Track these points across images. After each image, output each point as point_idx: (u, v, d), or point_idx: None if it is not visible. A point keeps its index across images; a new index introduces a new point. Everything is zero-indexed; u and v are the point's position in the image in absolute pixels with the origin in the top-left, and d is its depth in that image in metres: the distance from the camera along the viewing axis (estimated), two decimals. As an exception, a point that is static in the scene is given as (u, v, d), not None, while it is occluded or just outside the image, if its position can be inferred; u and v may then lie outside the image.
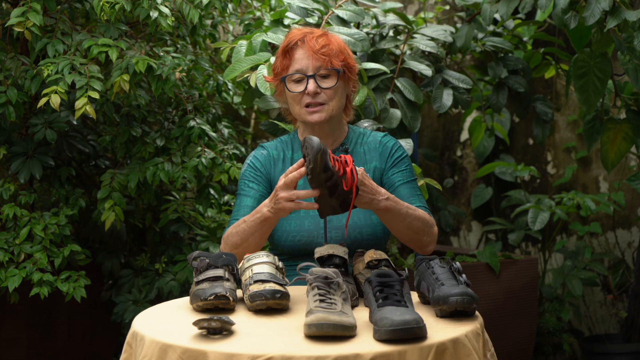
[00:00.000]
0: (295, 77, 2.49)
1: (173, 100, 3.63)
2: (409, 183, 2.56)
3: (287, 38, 2.53)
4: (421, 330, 1.84)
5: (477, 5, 3.64)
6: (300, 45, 2.49)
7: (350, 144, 2.61)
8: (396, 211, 2.37)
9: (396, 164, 2.58)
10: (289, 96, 2.53)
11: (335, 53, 2.49)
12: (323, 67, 2.47)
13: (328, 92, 2.49)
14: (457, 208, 4.45)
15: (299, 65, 2.48)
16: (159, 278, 3.57)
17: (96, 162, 3.77)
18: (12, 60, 3.22)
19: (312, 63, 2.48)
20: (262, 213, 2.37)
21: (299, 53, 2.49)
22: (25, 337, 3.56)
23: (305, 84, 2.48)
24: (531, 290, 3.77)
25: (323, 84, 2.48)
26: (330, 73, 2.49)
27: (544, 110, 3.77)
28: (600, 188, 4.49)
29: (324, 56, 2.47)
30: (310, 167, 2.19)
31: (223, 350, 1.80)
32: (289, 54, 2.50)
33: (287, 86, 2.51)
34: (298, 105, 2.50)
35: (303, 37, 2.50)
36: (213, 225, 3.67)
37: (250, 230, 2.40)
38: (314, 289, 1.96)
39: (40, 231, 3.23)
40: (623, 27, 3.04)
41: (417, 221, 2.42)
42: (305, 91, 2.48)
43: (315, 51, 2.47)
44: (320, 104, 2.49)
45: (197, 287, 2.13)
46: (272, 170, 2.60)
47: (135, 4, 3.14)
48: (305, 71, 2.48)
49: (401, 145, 2.63)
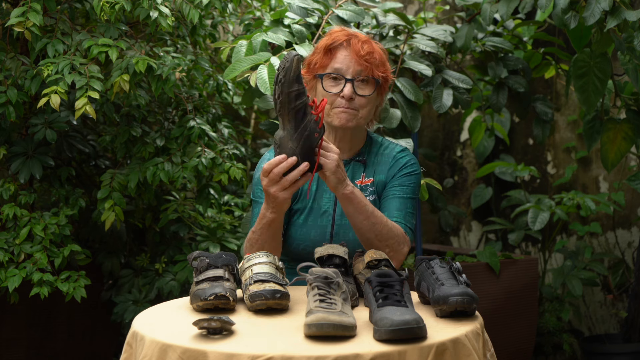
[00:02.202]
0: (332, 76, 2.45)
1: (173, 100, 3.63)
2: (403, 199, 2.50)
3: (331, 37, 2.48)
4: (421, 330, 1.84)
5: (477, 5, 3.64)
6: (345, 46, 2.46)
7: (367, 154, 2.57)
8: (359, 205, 2.33)
9: (401, 177, 2.52)
10: (320, 95, 2.47)
11: (378, 63, 2.46)
12: (364, 73, 2.44)
13: (362, 100, 2.45)
14: (457, 208, 4.45)
15: (339, 66, 2.45)
16: (159, 278, 3.57)
17: (96, 162, 3.77)
18: (12, 60, 3.22)
19: (354, 67, 2.44)
20: (266, 217, 2.35)
21: (342, 54, 2.45)
22: (25, 337, 3.56)
23: (342, 86, 2.44)
24: (531, 290, 3.77)
25: (359, 91, 2.45)
26: (368, 81, 2.46)
27: (544, 110, 3.77)
28: (600, 188, 4.49)
29: (367, 63, 2.44)
30: (281, 77, 2.17)
31: (223, 350, 1.80)
32: (331, 52, 2.46)
33: (322, 84, 2.46)
34: (329, 106, 2.45)
35: (348, 38, 2.46)
36: (213, 225, 3.67)
37: (263, 238, 2.38)
38: (314, 289, 1.97)
39: (40, 231, 3.23)
40: (623, 27, 3.04)
41: (382, 227, 2.37)
42: (341, 94, 2.44)
43: (360, 56, 2.43)
44: (351, 109, 2.45)
45: (197, 287, 2.13)
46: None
47: (135, 4, 3.14)
48: (345, 73, 2.44)
49: (416, 163, 2.57)
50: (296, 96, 2.20)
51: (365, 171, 2.54)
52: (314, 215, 2.51)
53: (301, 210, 2.52)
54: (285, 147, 2.23)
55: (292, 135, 2.22)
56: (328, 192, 2.52)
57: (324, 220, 2.50)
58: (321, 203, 2.52)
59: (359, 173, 2.54)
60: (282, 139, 2.23)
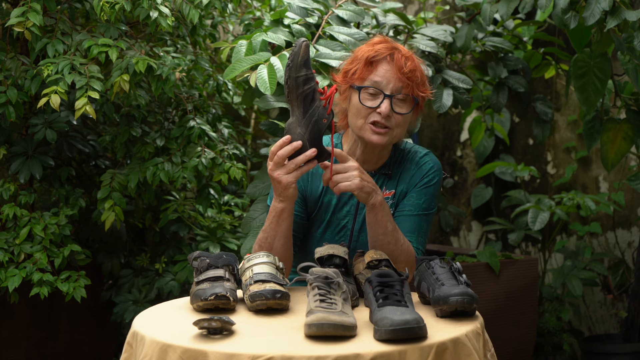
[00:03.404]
0: (371, 90, 2.36)
1: (173, 100, 3.63)
2: (418, 217, 2.44)
3: (374, 49, 2.38)
4: (421, 330, 1.84)
5: (477, 5, 3.64)
6: (388, 60, 2.36)
7: (391, 165, 2.49)
8: (382, 219, 2.28)
9: (421, 189, 2.45)
10: (354, 106, 2.38)
11: (419, 82, 2.38)
12: (404, 91, 2.35)
13: (398, 118, 2.36)
14: (457, 208, 4.45)
15: (379, 79, 2.35)
16: (159, 278, 3.57)
17: (96, 162, 3.77)
18: (12, 60, 3.22)
19: (395, 83, 2.35)
20: (274, 209, 2.30)
21: (384, 68, 2.36)
22: (25, 337, 3.56)
23: (379, 101, 2.35)
24: (531, 290, 3.77)
25: (397, 108, 2.36)
26: (407, 99, 2.37)
27: (544, 110, 3.77)
28: (600, 188, 4.49)
29: (409, 81, 2.35)
30: (289, 62, 2.17)
31: (223, 350, 1.80)
32: (372, 65, 2.36)
33: (360, 97, 2.36)
34: (362, 120, 2.36)
35: (392, 53, 2.37)
36: (213, 225, 3.67)
37: (272, 233, 2.33)
38: (314, 289, 1.97)
39: (40, 231, 3.23)
40: (623, 27, 3.04)
41: (396, 248, 2.31)
42: (378, 109, 2.34)
43: (403, 73, 2.34)
44: (386, 127, 2.36)
45: (198, 287, 2.13)
46: (309, 186, 2.48)
47: (135, 4, 3.14)
48: (384, 89, 2.34)
49: (438, 169, 2.50)
50: (304, 81, 2.19)
51: (388, 183, 2.47)
52: (331, 230, 2.47)
53: (319, 223, 2.47)
54: (293, 132, 2.21)
55: (300, 120, 2.21)
56: (348, 206, 2.46)
57: (341, 236, 2.46)
58: (340, 217, 2.46)
59: (382, 186, 2.48)
60: (290, 124, 2.22)
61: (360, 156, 2.45)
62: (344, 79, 2.41)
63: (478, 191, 4.66)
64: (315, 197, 2.46)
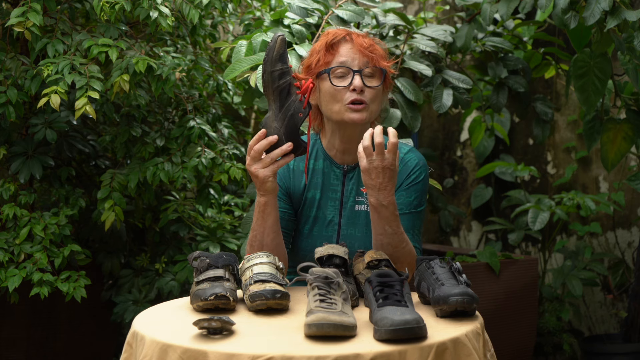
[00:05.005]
0: (339, 70, 2.38)
1: (173, 100, 3.63)
2: (411, 215, 2.44)
3: (330, 34, 2.42)
4: (421, 330, 1.84)
5: (477, 5, 3.64)
6: (347, 40, 2.40)
7: None
8: (380, 220, 2.28)
9: (408, 187, 2.45)
10: (327, 93, 2.39)
11: (381, 55, 2.43)
12: (370, 64, 2.39)
13: (371, 92, 2.39)
14: (457, 208, 4.45)
15: (344, 59, 2.38)
16: (159, 278, 3.57)
17: (96, 162, 3.77)
18: (12, 60, 3.22)
19: (360, 58, 2.38)
20: (258, 204, 2.32)
21: (345, 48, 2.39)
22: (25, 337, 3.56)
23: (350, 78, 2.37)
24: (531, 290, 3.77)
25: (368, 83, 2.38)
26: (375, 72, 2.40)
27: (544, 110, 3.77)
28: (600, 188, 4.49)
29: (372, 54, 2.39)
30: (265, 57, 2.20)
31: (223, 350, 1.80)
32: (332, 48, 2.40)
33: (331, 80, 2.38)
34: (339, 103, 2.38)
35: (348, 33, 2.43)
36: (213, 225, 3.67)
37: (259, 229, 2.34)
38: (314, 289, 1.97)
39: (40, 231, 3.23)
40: (623, 27, 3.04)
41: (396, 251, 2.31)
42: (351, 86, 2.36)
43: (364, 47, 2.39)
44: (362, 102, 2.37)
45: (198, 287, 2.13)
46: (291, 183, 2.50)
47: (135, 4, 3.14)
48: (352, 66, 2.37)
49: (424, 165, 2.49)
50: (279, 75, 2.22)
51: None
52: (319, 226, 2.47)
53: (305, 218, 2.48)
54: (269, 126, 2.25)
55: (276, 114, 2.24)
56: (333, 200, 2.47)
57: (329, 230, 2.47)
58: (326, 212, 2.47)
59: None
60: (267, 118, 2.26)
61: (339, 146, 2.46)
62: (308, 73, 2.43)
63: (478, 191, 4.66)
64: (298, 193, 2.49)
